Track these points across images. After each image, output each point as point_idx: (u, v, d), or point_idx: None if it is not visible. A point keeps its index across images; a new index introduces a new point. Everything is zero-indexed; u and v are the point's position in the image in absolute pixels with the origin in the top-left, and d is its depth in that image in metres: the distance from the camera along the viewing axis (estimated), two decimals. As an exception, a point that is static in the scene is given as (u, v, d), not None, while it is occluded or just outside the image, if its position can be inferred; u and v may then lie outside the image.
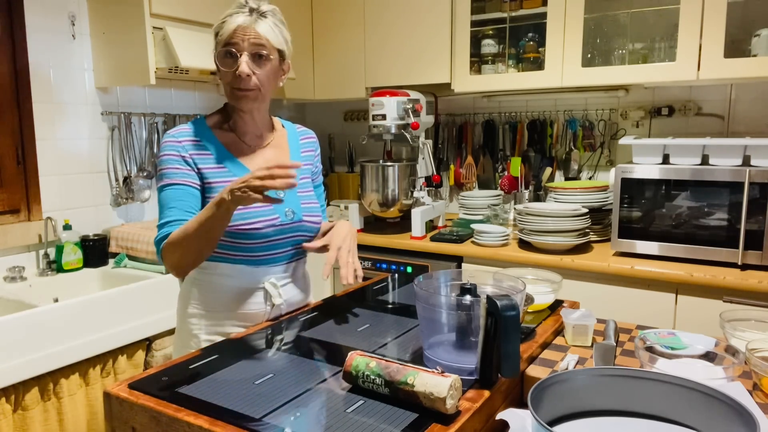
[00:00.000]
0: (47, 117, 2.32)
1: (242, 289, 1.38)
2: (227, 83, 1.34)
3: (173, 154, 1.34)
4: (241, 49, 1.30)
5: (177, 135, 1.36)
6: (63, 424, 1.87)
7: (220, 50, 1.32)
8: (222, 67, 1.33)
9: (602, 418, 0.92)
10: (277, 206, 1.38)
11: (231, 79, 1.32)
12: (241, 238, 1.33)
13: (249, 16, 1.31)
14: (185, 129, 1.38)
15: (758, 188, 1.89)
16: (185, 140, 1.36)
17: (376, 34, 2.86)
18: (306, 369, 1.08)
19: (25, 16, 2.22)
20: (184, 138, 1.36)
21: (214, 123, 1.42)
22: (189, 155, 1.34)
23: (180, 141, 1.35)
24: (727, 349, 1.11)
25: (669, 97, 2.56)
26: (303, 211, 1.43)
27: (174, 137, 1.36)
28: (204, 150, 1.36)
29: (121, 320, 2.00)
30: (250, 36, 1.30)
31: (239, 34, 1.30)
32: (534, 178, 2.82)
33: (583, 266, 2.11)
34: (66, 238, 2.30)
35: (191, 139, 1.36)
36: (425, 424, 0.86)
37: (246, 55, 1.30)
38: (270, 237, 1.36)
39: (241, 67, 1.30)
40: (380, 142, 2.77)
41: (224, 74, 1.33)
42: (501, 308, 0.93)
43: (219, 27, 1.34)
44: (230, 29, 1.30)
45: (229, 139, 1.41)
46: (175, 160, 1.33)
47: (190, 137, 1.37)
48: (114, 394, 1.00)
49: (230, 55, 1.31)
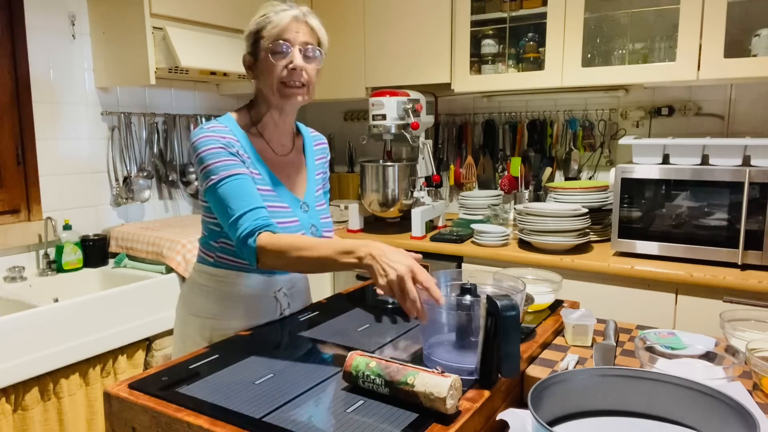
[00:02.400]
0: (47, 117, 2.32)
1: (255, 299, 1.36)
2: (276, 77, 1.27)
3: (219, 147, 1.24)
4: (294, 44, 1.27)
5: (218, 131, 1.27)
6: (63, 424, 1.87)
7: (271, 44, 1.26)
8: (273, 60, 1.26)
9: (602, 418, 0.92)
10: (304, 222, 1.35)
11: (281, 74, 1.27)
12: None
13: (297, 11, 1.28)
14: (221, 127, 1.29)
15: (758, 188, 1.89)
16: (228, 137, 1.27)
17: (376, 34, 2.86)
18: (306, 369, 1.08)
19: (25, 16, 2.22)
20: (228, 136, 1.27)
21: (244, 125, 1.35)
22: (237, 152, 1.26)
23: (225, 137, 1.26)
24: (727, 349, 1.11)
25: (669, 97, 2.56)
26: (322, 227, 1.42)
27: (216, 132, 1.26)
28: (243, 153, 1.29)
29: (121, 320, 2.00)
30: (303, 30, 1.27)
31: (293, 27, 1.26)
32: (534, 178, 2.82)
33: (583, 266, 2.11)
34: (66, 238, 2.30)
35: (230, 138, 1.28)
36: (425, 424, 0.86)
37: (298, 49, 1.27)
38: None
39: (296, 60, 1.26)
40: (380, 142, 2.77)
41: (272, 69, 1.27)
42: (501, 308, 0.93)
43: (263, 23, 1.28)
44: (284, 22, 1.26)
45: (260, 146, 1.35)
46: (224, 153, 1.23)
47: (229, 136, 1.28)
48: (114, 394, 1.00)
49: (280, 49, 1.26)
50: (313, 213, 1.41)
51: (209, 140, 1.25)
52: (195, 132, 1.27)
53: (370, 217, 2.92)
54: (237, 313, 1.35)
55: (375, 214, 2.74)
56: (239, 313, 1.35)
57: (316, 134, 1.56)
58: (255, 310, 1.36)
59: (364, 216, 2.80)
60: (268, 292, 1.37)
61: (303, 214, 1.37)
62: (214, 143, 1.24)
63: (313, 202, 1.43)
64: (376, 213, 2.72)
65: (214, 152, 1.24)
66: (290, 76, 1.27)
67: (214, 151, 1.24)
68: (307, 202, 1.40)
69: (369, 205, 2.70)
